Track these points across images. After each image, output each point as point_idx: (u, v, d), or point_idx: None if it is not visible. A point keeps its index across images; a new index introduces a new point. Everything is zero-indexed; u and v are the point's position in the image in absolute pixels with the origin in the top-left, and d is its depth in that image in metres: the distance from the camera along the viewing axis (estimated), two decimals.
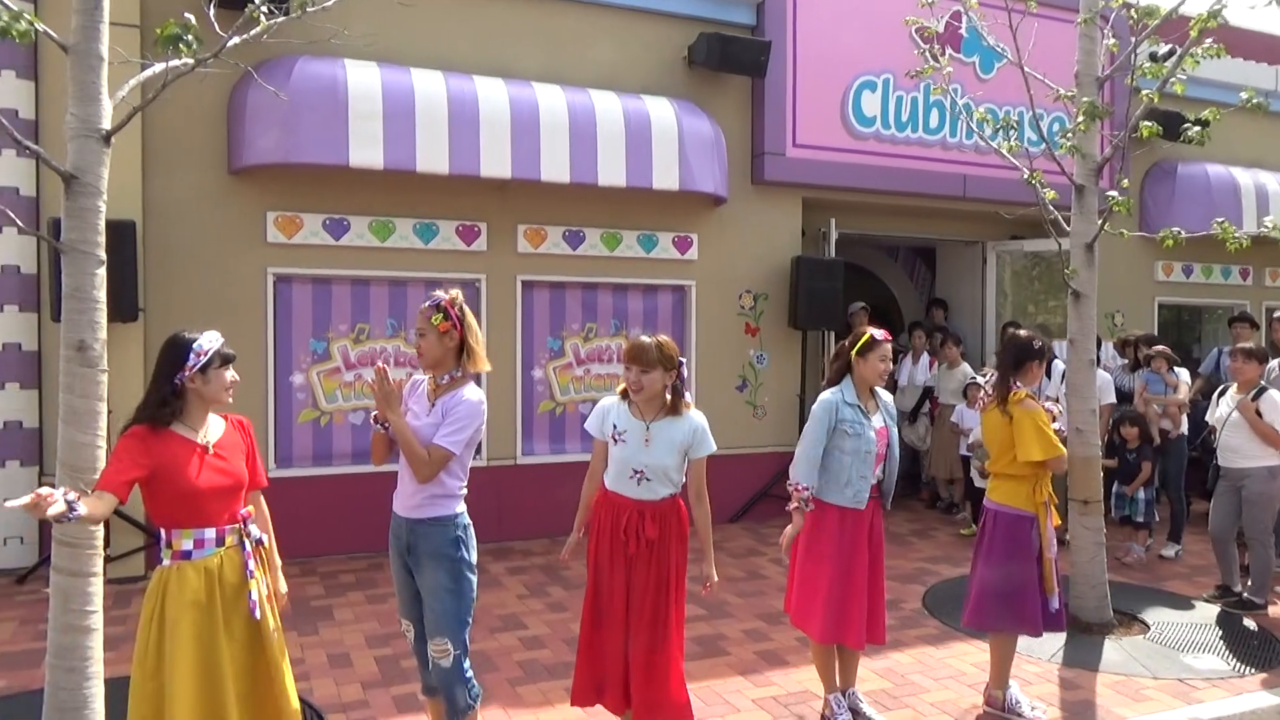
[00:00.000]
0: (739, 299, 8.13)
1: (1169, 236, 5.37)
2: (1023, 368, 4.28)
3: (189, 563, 2.92)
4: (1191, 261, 10.17)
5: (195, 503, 2.93)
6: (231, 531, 3.01)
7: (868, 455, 3.96)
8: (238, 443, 3.12)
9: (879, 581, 4.09)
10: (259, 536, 3.09)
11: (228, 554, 2.99)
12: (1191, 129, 5.23)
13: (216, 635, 2.91)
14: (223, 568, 2.96)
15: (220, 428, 3.11)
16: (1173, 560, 7.13)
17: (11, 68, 6.11)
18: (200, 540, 2.94)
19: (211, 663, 2.89)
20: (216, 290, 6.46)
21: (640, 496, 3.54)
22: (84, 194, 3.40)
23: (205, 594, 2.90)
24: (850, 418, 3.97)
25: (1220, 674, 4.84)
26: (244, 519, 3.05)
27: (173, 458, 2.91)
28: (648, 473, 3.52)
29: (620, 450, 3.55)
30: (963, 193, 8.76)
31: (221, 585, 2.94)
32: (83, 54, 3.40)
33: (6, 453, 6.24)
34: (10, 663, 4.71)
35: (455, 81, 6.68)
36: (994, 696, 4.34)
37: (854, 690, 4.24)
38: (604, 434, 3.62)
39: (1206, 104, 5.55)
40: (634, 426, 3.56)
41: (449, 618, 3.29)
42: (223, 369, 3.04)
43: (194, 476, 2.92)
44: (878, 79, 8.41)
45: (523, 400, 7.41)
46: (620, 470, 3.56)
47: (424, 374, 3.48)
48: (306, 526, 6.61)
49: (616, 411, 3.62)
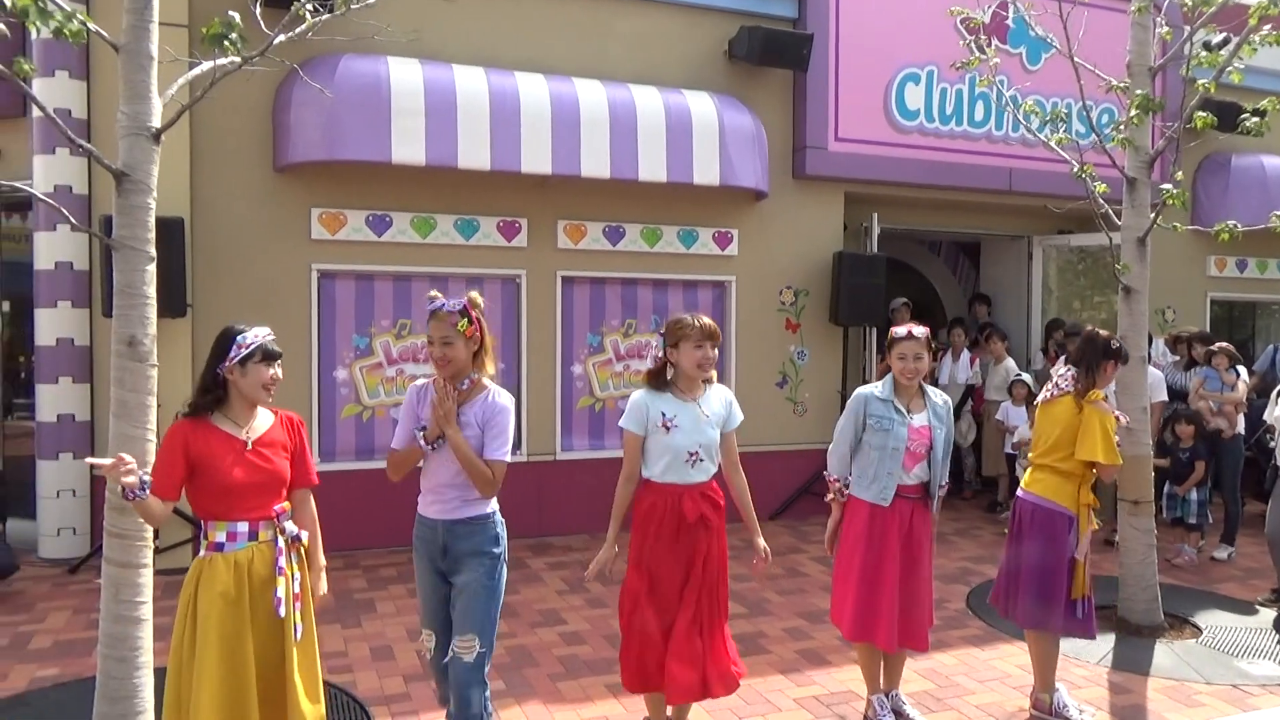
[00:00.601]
0: (779, 295, 8.07)
1: (1224, 230, 5.22)
2: (1101, 367, 4.19)
3: (220, 555, 2.95)
4: (1245, 256, 9.90)
5: (229, 496, 2.95)
6: (266, 527, 3.01)
7: (895, 452, 3.91)
8: (283, 440, 3.12)
9: (918, 585, 3.95)
10: (295, 533, 3.08)
11: (260, 549, 2.99)
12: (1249, 119, 5.08)
13: (243, 629, 2.92)
14: (253, 562, 2.96)
15: (267, 423, 3.11)
16: (1225, 562, 6.95)
17: (65, 68, 6.24)
18: (233, 533, 2.96)
19: (236, 657, 2.90)
20: (262, 286, 6.55)
21: (696, 480, 3.57)
22: (135, 191, 3.46)
23: (234, 587, 2.92)
24: (879, 413, 3.94)
25: (1276, 680, 4.71)
26: (278, 514, 3.03)
27: (210, 451, 2.94)
28: (702, 452, 3.57)
29: (674, 437, 3.53)
30: (1008, 186, 8.61)
31: (250, 579, 2.95)
32: (133, 53, 3.46)
33: (60, 445, 6.38)
34: (63, 651, 4.82)
35: (496, 78, 6.70)
36: (1040, 700, 4.25)
37: (897, 692, 4.18)
38: (648, 426, 3.56)
39: (1264, 94, 5.38)
40: (685, 409, 3.57)
41: (481, 614, 3.25)
42: (263, 364, 3.03)
43: (229, 470, 2.94)
44: (921, 71, 8.29)
45: (562, 396, 7.42)
46: (674, 457, 3.54)
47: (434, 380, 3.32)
48: (349, 520, 6.69)
49: (660, 400, 3.58)
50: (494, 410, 3.27)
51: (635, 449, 3.60)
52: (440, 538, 3.31)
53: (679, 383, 3.59)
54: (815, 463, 8.05)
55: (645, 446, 3.60)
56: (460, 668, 3.22)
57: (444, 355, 3.22)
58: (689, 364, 3.55)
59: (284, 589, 2.97)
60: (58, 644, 4.92)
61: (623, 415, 3.64)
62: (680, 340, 3.56)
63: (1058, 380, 4.28)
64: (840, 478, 4.03)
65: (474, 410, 3.26)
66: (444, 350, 3.21)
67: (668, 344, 3.61)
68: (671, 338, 3.59)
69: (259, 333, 3.07)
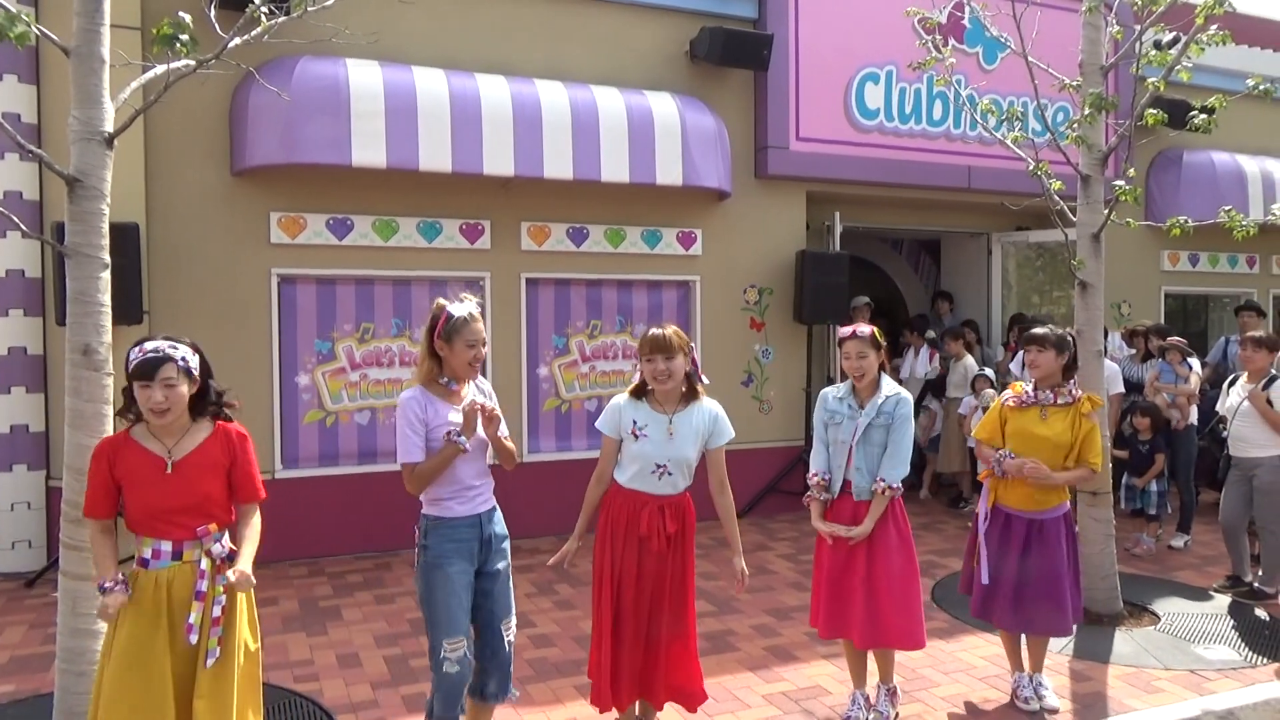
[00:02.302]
0: (744, 294, 8.12)
1: (1176, 225, 5.33)
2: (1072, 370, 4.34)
3: (145, 571, 2.87)
4: (1198, 250, 10.12)
5: (150, 517, 2.87)
6: (191, 547, 2.88)
7: (841, 446, 3.99)
8: (214, 458, 2.94)
9: (889, 583, 3.91)
10: (224, 553, 2.92)
11: (182, 569, 2.87)
12: (1197, 117, 5.20)
13: (155, 647, 2.81)
14: (173, 582, 2.86)
15: (197, 440, 2.93)
16: (1182, 551, 7.10)
17: (14, 72, 6.11)
18: (157, 551, 2.87)
19: (150, 675, 2.79)
20: (221, 292, 6.46)
21: (661, 492, 3.56)
22: (87, 197, 3.40)
23: (151, 604, 2.83)
24: (834, 409, 4.04)
25: (1232, 664, 4.82)
26: (201, 536, 2.88)
27: (129, 471, 2.86)
28: (670, 466, 3.54)
29: (643, 446, 3.54)
30: (967, 184, 8.73)
31: (170, 599, 2.85)
32: (84, 57, 3.40)
33: (13, 457, 6.24)
34: (20, 666, 4.72)
35: (457, 79, 6.66)
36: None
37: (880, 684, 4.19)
38: (621, 431, 3.58)
39: (1212, 91, 5.52)
40: (656, 420, 3.56)
41: (513, 594, 3.49)
42: (140, 386, 2.81)
43: (146, 491, 2.85)
44: (881, 71, 8.37)
45: (528, 398, 7.41)
46: (642, 467, 3.55)
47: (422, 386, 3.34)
48: (313, 527, 6.62)
49: (635, 408, 3.60)
50: (490, 395, 3.48)
51: (609, 451, 3.63)
52: (483, 530, 3.39)
53: (657, 395, 3.61)
54: (781, 460, 8.11)
55: (620, 450, 3.61)
56: (507, 650, 3.43)
57: (475, 360, 3.34)
58: (646, 376, 3.57)
59: (196, 615, 2.83)
60: (14, 659, 4.81)
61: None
62: (641, 354, 3.58)
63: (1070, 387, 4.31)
64: (819, 472, 4.02)
65: (480, 396, 3.41)
66: (482, 351, 3.36)
67: (641, 356, 3.61)
68: (640, 351, 3.60)
69: (145, 347, 2.85)
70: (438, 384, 3.35)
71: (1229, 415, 6.05)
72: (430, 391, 3.33)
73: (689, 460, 3.58)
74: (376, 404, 6.96)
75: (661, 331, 3.53)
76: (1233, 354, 8.17)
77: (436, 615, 3.27)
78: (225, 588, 2.89)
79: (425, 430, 3.27)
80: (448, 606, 3.26)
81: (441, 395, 3.34)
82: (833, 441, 4.03)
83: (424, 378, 3.36)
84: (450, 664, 3.26)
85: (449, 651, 3.26)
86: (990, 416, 4.41)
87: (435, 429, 3.28)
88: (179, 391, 2.84)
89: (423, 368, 3.37)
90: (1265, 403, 5.80)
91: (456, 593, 3.29)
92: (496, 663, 3.40)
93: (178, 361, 2.84)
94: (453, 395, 3.36)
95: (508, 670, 3.43)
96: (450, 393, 3.36)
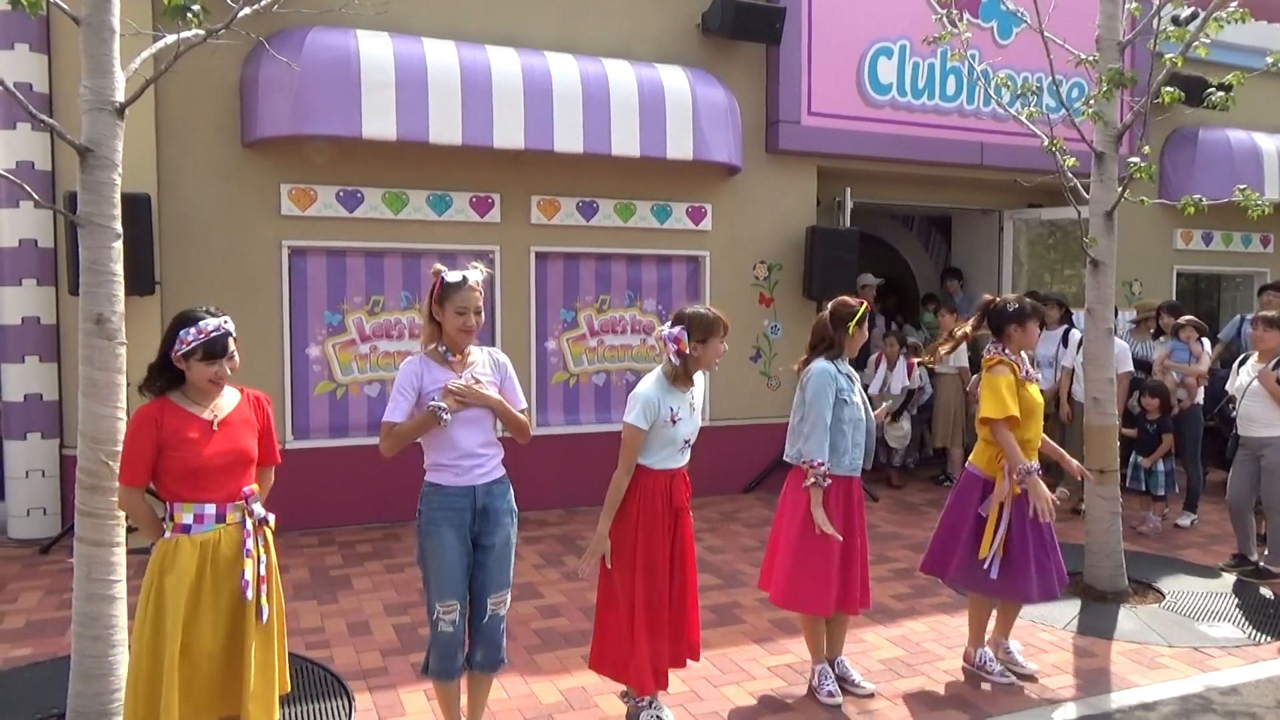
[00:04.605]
0: (753, 269, 8.10)
1: (1190, 203, 5.29)
2: (1006, 333, 4.29)
3: (187, 537, 2.92)
4: (1211, 229, 10.05)
5: (197, 477, 2.92)
6: (234, 509, 2.98)
7: (858, 423, 4.03)
8: (249, 419, 3.08)
9: (861, 551, 4.16)
10: (263, 516, 3.04)
11: (227, 531, 2.96)
12: (1215, 94, 5.15)
13: (204, 613, 2.90)
14: (219, 544, 2.94)
15: (233, 401, 3.07)
16: (1188, 529, 7.11)
17: (25, 41, 6.11)
18: (200, 515, 2.93)
19: (199, 641, 2.88)
20: (232, 263, 6.48)
21: (682, 464, 3.73)
22: (99, 167, 3.41)
23: (196, 569, 2.90)
24: (846, 386, 4.05)
25: (1236, 642, 4.85)
26: (246, 496, 3.01)
27: (176, 432, 2.92)
28: (691, 439, 3.72)
29: (678, 428, 3.64)
30: (980, 160, 8.66)
31: (215, 561, 2.92)
32: (95, 26, 3.40)
33: (28, 425, 6.31)
34: (37, 630, 4.80)
35: (467, 51, 6.63)
36: (968, 654, 4.48)
37: (842, 659, 4.28)
38: (659, 423, 3.58)
39: (1230, 68, 5.44)
40: (682, 401, 3.67)
41: (510, 569, 3.46)
42: (204, 363, 2.93)
43: (197, 451, 2.92)
44: (894, 45, 8.30)
45: (537, 372, 7.43)
46: (673, 447, 3.65)
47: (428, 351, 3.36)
48: (324, 497, 6.68)
49: (668, 394, 3.63)
50: (505, 366, 3.49)
51: (638, 442, 3.59)
52: (478, 502, 3.36)
53: (688, 374, 3.67)
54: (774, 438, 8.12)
55: (648, 437, 3.61)
56: (496, 623, 3.43)
57: (476, 324, 3.32)
58: (712, 358, 3.68)
59: (250, 571, 2.93)
60: (31, 623, 4.89)
61: (630, 412, 3.58)
62: (709, 336, 3.63)
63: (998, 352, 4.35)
64: (824, 461, 3.93)
65: (499, 372, 3.44)
66: (475, 319, 3.31)
67: (694, 338, 3.60)
68: (700, 333, 3.61)
69: (206, 326, 2.93)
70: (437, 352, 3.35)
71: (1238, 395, 6.04)
72: (430, 359, 3.34)
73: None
74: (386, 376, 6.99)
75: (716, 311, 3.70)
76: (1247, 333, 8.13)
77: (430, 578, 3.36)
78: (264, 548, 3.03)
79: (417, 396, 3.29)
80: (439, 571, 3.32)
81: (439, 362, 3.33)
82: (849, 420, 4.01)
83: (424, 344, 3.39)
84: (444, 624, 3.34)
85: (442, 614, 3.34)
86: (1008, 395, 4.16)
87: (428, 395, 3.28)
88: (236, 362, 3.02)
89: (424, 334, 3.41)
90: (1275, 383, 5.78)
91: (448, 559, 3.32)
92: (482, 634, 3.41)
93: (233, 335, 3.00)
94: (452, 364, 3.33)
95: (494, 642, 3.44)
96: (448, 361, 3.33)
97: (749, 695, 4.16)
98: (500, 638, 3.47)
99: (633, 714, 3.79)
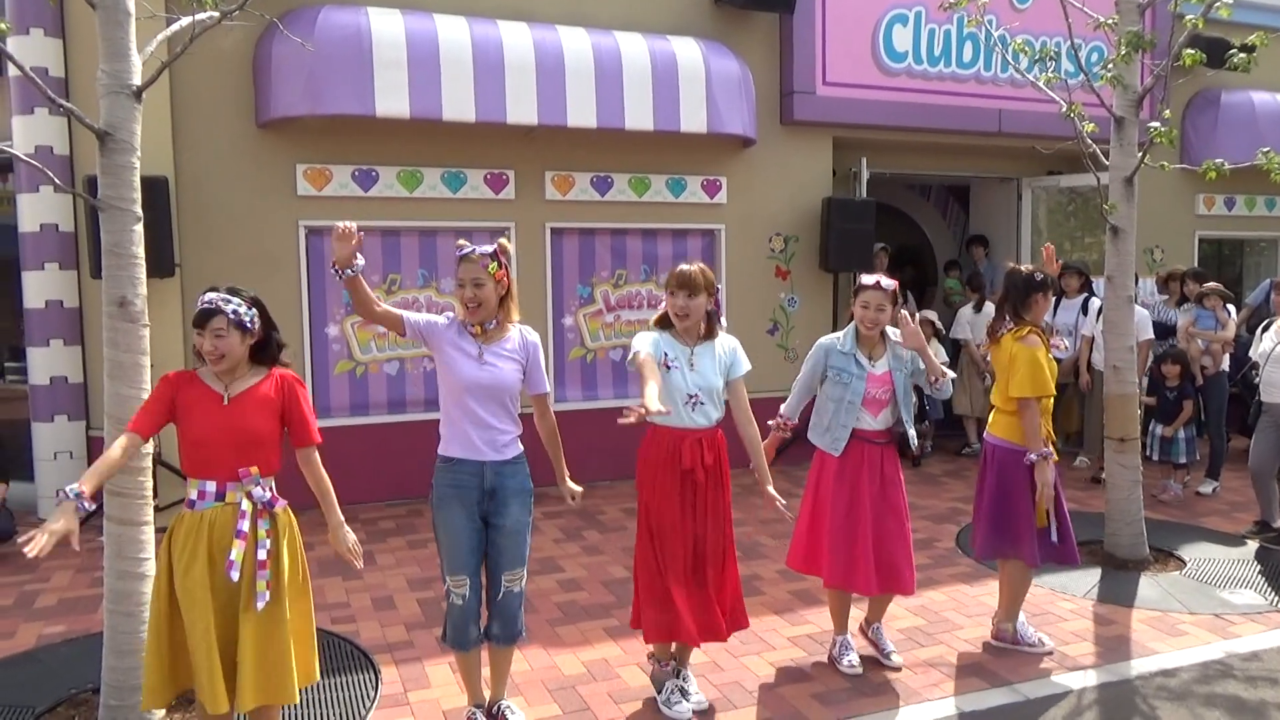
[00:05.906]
0: (769, 242, 8.07)
1: (1212, 168, 5.21)
2: (1027, 303, 4.20)
3: (191, 512, 2.96)
4: (1234, 194, 9.90)
5: (199, 450, 2.95)
6: (234, 489, 2.96)
7: (851, 405, 3.98)
8: (268, 398, 3.04)
9: (894, 528, 4.00)
10: (266, 499, 3.00)
11: (224, 510, 2.95)
12: (1237, 55, 5.06)
13: (203, 590, 2.89)
14: (215, 523, 2.93)
15: (254, 380, 3.05)
16: (1210, 497, 7.08)
17: (39, 25, 6.13)
18: (202, 492, 2.96)
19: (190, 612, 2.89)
20: (250, 244, 6.52)
21: (696, 424, 3.61)
22: (119, 150, 3.44)
23: (192, 542, 2.91)
24: (839, 365, 4.01)
25: (1257, 609, 4.84)
26: (243, 477, 2.95)
27: (189, 400, 2.96)
28: (701, 395, 3.61)
29: (672, 375, 3.59)
30: (998, 128, 8.57)
31: (211, 540, 2.92)
32: (110, 10, 3.41)
33: (54, 408, 6.40)
34: (69, 608, 4.90)
35: (479, 27, 6.60)
36: (1003, 630, 4.39)
37: (878, 626, 4.29)
38: (657, 354, 3.57)
39: (1253, 29, 5.34)
40: (680, 352, 3.64)
41: (525, 548, 3.46)
42: (197, 333, 2.96)
43: (200, 422, 2.93)
44: (909, 12, 8.19)
45: (554, 348, 7.45)
46: (675, 400, 3.58)
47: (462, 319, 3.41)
48: (345, 475, 6.70)
49: (664, 340, 3.64)
50: (533, 346, 3.48)
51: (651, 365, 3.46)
52: (487, 480, 3.38)
53: (678, 329, 3.67)
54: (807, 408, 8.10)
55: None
56: (512, 599, 3.46)
57: (474, 296, 3.32)
58: (669, 309, 3.66)
59: (237, 553, 2.89)
60: (63, 601, 4.99)
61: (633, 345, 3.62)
62: (665, 287, 3.68)
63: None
64: (789, 418, 4.18)
65: (509, 342, 3.42)
66: (475, 291, 3.31)
67: (666, 291, 3.69)
68: (666, 287, 3.68)
69: (203, 298, 2.99)
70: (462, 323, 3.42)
71: (1261, 360, 5.98)
72: (460, 324, 3.42)
73: (717, 388, 3.65)
74: (405, 354, 7.04)
75: (689, 268, 3.62)
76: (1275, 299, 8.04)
77: (442, 552, 3.43)
78: (267, 532, 2.99)
79: (430, 324, 3.40)
80: (450, 546, 3.38)
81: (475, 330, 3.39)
82: (836, 400, 4.00)
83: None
84: (456, 596, 3.41)
85: (454, 586, 3.40)
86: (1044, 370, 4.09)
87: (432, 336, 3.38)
88: (228, 341, 2.95)
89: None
90: None
91: (455, 535, 3.37)
92: (498, 609, 3.45)
93: (228, 314, 2.95)
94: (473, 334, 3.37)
95: (510, 616, 3.46)
96: (468, 331, 3.38)
97: (769, 665, 4.20)
98: (516, 612, 3.48)
99: (658, 679, 3.82)
